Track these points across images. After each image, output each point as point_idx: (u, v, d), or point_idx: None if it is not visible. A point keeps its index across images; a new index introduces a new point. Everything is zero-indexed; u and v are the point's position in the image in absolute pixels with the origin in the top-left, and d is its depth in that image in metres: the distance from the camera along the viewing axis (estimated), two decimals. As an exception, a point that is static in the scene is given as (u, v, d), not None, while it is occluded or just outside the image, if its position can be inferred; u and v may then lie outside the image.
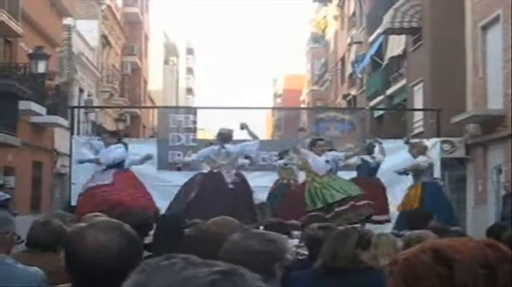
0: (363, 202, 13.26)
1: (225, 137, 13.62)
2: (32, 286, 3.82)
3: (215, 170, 13.55)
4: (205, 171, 14.07)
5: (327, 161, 13.58)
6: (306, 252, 5.65)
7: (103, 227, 2.43)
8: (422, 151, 14.14)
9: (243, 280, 1.26)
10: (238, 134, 14.31)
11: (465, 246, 1.35)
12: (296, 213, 10.92)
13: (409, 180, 14.56)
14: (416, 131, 26.62)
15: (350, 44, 41.80)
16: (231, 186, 13.32)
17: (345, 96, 43.87)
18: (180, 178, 15.58)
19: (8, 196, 17.14)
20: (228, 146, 13.51)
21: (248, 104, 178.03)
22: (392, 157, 15.83)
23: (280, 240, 3.43)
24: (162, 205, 14.10)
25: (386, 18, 28.93)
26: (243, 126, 13.74)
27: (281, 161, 15.71)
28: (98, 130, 29.63)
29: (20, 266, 3.96)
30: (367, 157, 15.19)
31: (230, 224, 4.94)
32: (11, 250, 4.28)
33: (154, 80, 54.86)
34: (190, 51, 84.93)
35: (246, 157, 14.76)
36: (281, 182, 15.60)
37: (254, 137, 13.87)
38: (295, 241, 6.46)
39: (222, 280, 1.24)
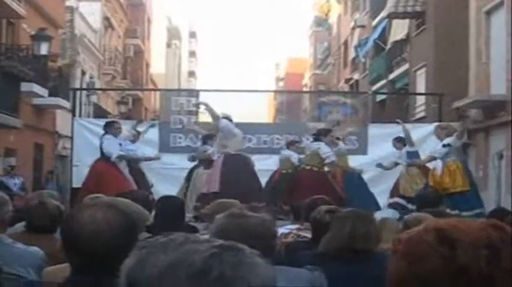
0: None
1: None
2: (31, 265, 3.82)
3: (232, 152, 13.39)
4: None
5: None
6: (307, 235, 5.65)
7: (100, 206, 2.42)
8: (452, 132, 13.81)
9: (242, 254, 1.28)
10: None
11: (469, 227, 1.34)
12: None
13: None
14: (419, 115, 26.59)
15: (353, 28, 41.69)
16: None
17: (347, 81, 43.84)
18: (181, 161, 15.60)
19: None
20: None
21: (250, 87, 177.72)
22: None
23: (269, 219, 3.40)
24: (164, 187, 14.09)
25: (390, 2, 28.83)
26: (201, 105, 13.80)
27: (288, 153, 15.32)
28: (100, 112, 29.68)
29: (19, 246, 3.96)
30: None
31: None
32: (7, 229, 4.28)
33: (157, 63, 54.82)
34: (193, 35, 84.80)
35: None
36: (285, 172, 15.28)
37: (214, 116, 13.66)
38: (296, 225, 6.47)
39: (222, 253, 1.26)
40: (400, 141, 14.75)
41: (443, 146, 13.09)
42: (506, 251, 1.30)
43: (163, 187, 14.25)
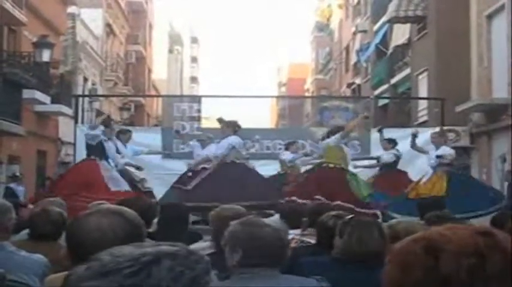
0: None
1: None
2: (35, 272, 3.81)
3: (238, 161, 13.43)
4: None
5: None
6: (310, 240, 5.64)
7: (104, 213, 2.42)
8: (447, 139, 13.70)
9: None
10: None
11: (456, 235, 1.32)
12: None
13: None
14: (421, 120, 26.58)
15: (355, 33, 41.72)
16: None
17: (349, 85, 43.86)
18: (184, 166, 15.58)
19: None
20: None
21: (252, 92, 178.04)
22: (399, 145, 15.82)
23: (283, 229, 3.41)
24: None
25: (391, 6, 28.87)
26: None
27: (289, 155, 15.38)
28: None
29: (22, 253, 3.96)
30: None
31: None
32: (10, 237, 4.27)
33: (159, 69, 54.87)
34: (194, 40, 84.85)
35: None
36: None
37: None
38: (298, 230, 6.45)
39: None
40: (390, 143, 14.91)
41: (437, 157, 12.94)
42: (492, 259, 1.28)
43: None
